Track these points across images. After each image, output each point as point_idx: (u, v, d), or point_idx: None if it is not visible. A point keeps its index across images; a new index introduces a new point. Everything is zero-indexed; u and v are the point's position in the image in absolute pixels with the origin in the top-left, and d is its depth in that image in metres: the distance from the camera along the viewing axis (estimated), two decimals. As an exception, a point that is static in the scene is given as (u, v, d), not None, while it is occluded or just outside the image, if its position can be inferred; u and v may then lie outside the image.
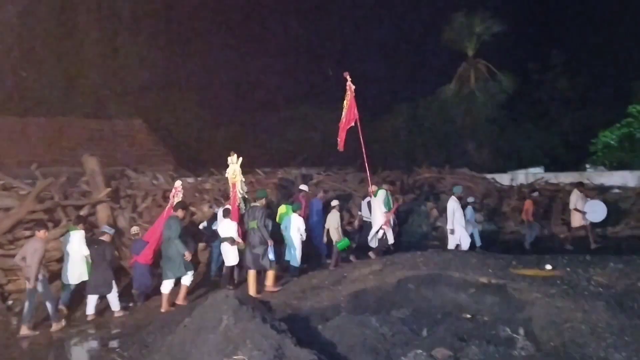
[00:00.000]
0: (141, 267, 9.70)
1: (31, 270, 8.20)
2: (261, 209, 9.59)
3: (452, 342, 6.46)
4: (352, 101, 11.36)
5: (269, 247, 9.42)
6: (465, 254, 9.34)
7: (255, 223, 9.41)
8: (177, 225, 9.08)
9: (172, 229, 9.02)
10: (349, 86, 11.34)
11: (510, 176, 20.26)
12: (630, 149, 22.57)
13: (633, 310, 6.61)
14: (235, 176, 10.49)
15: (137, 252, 9.84)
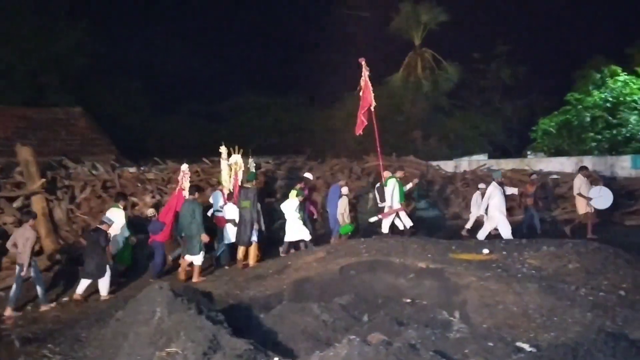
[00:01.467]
0: (159, 245, 10.41)
1: (24, 257, 8.86)
2: (253, 190, 10.40)
3: (390, 326, 6.56)
4: (367, 86, 11.40)
5: (254, 228, 10.21)
6: (407, 240, 9.46)
7: (248, 203, 10.20)
8: (198, 208, 9.91)
9: (196, 212, 9.78)
10: (364, 72, 11.39)
11: (454, 163, 20.64)
12: (567, 136, 23.35)
13: (563, 292, 6.86)
14: (237, 165, 11.46)
15: (154, 232, 10.47)
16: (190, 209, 9.83)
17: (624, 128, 21.95)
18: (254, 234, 10.30)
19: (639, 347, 5.36)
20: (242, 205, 10.33)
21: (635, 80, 22.68)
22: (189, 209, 9.83)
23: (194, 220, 9.75)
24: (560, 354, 5.04)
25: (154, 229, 10.51)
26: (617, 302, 6.63)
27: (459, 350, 5.27)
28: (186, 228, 9.87)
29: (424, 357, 4.60)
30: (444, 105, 30.03)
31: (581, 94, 23.88)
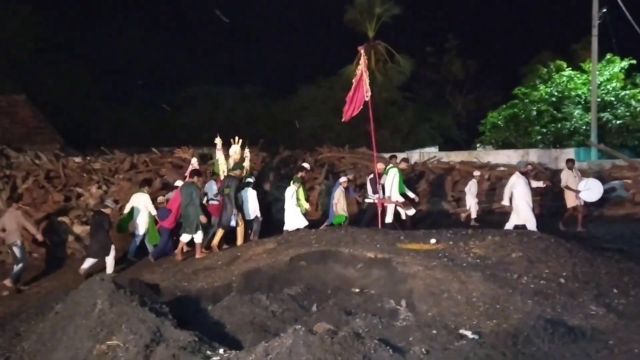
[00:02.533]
0: (165, 231, 11.14)
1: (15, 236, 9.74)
2: (235, 179, 10.95)
3: (338, 316, 6.61)
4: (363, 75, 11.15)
5: (234, 214, 10.81)
6: (357, 231, 9.52)
7: (229, 190, 10.77)
8: (196, 190, 10.47)
9: (193, 194, 10.36)
10: (363, 60, 11.19)
11: (406, 155, 20.87)
12: (515, 129, 24.02)
13: (505, 280, 7.04)
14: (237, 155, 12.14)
15: (162, 218, 11.16)
16: (189, 191, 10.41)
17: (568, 122, 22.72)
18: (233, 218, 10.90)
19: (576, 333, 5.58)
20: (225, 192, 10.89)
21: (579, 76, 23.48)
22: (188, 191, 10.43)
23: (191, 202, 10.33)
24: (501, 340, 5.20)
25: (162, 215, 11.22)
26: (557, 290, 6.84)
27: (403, 338, 5.35)
28: (184, 209, 10.45)
29: (369, 346, 4.64)
30: (397, 98, 30.32)
31: (528, 88, 24.58)
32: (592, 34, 18.76)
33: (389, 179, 11.66)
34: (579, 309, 6.29)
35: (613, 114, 22.33)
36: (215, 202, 11.52)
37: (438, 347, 5.06)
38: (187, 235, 10.52)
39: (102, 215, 10.38)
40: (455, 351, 4.89)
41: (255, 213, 11.46)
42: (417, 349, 4.95)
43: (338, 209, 11.95)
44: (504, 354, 4.84)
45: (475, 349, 4.92)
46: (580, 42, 25.15)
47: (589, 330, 5.72)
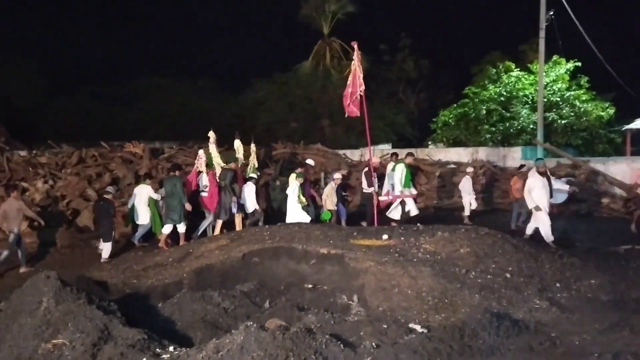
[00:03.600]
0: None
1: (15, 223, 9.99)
2: (230, 171, 11.76)
3: (291, 312, 6.63)
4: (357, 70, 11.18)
5: (233, 203, 11.59)
6: (310, 227, 9.56)
7: (223, 182, 11.51)
8: (179, 183, 11.09)
9: (177, 186, 11.02)
10: (357, 55, 11.18)
11: (360, 152, 21.10)
12: (465, 128, 24.58)
13: (454, 275, 7.21)
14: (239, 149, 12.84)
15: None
16: (172, 183, 11.08)
17: (516, 121, 23.39)
18: (233, 207, 11.66)
19: (520, 326, 5.77)
20: (222, 185, 11.60)
21: (527, 76, 24.19)
22: (171, 183, 11.09)
23: (175, 193, 10.97)
24: (449, 333, 5.32)
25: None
26: (503, 284, 7.06)
27: (354, 332, 5.41)
28: (168, 200, 11.07)
29: (320, 341, 4.68)
30: (351, 95, 30.51)
31: (478, 88, 25.16)
32: (539, 36, 19.31)
33: (397, 175, 11.78)
34: (524, 303, 6.52)
35: (558, 114, 23.11)
36: (205, 194, 11.77)
37: (388, 341, 5.15)
38: (169, 226, 11.08)
39: (107, 202, 10.94)
40: (404, 345, 4.98)
41: (254, 206, 12.09)
42: (368, 343, 5.02)
43: (327, 204, 12.14)
44: (451, 347, 4.97)
45: (424, 342, 5.03)
46: (528, 43, 25.88)
47: (532, 323, 5.93)
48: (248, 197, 12.11)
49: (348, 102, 11.42)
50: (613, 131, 24.51)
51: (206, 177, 11.87)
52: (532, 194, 10.39)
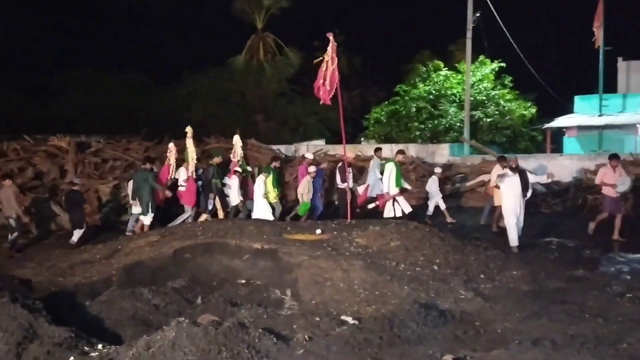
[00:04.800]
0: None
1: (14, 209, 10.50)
2: (214, 167, 12.14)
3: (224, 307, 6.61)
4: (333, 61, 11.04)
5: (210, 199, 12.03)
6: (244, 222, 9.54)
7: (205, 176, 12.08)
8: (150, 175, 11.37)
9: (147, 178, 11.27)
10: (332, 46, 10.94)
11: (294, 147, 21.16)
12: (396, 125, 25.16)
13: (385, 268, 7.41)
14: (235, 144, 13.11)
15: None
16: (143, 176, 11.36)
17: (444, 119, 24.15)
18: (210, 203, 12.05)
19: (447, 316, 6.00)
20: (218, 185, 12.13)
21: (454, 75, 25.01)
22: (142, 176, 11.37)
23: (144, 186, 11.20)
24: (379, 324, 5.48)
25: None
26: (431, 276, 7.32)
27: (287, 326, 5.47)
28: (138, 192, 11.32)
29: (253, 335, 4.71)
30: (285, 90, 30.51)
31: (409, 86, 25.78)
32: (466, 37, 20.01)
33: (386, 173, 11.64)
34: (450, 294, 6.78)
35: (484, 112, 24.05)
36: (183, 189, 12.00)
37: (320, 333, 5.24)
38: (150, 215, 11.36)
39: (76, 193, 11.35)
40: (336, 337, 5.09)
41: (238, 199, 12.28)
42: (301, 336, 5.09)
43: (305, 198, 12.17)
44: (381, 338, 5.12)
45: (355, 333, 5.15)
46: (456, 44, 26.75)
47: (458, 313, 6.18)
48: (233, 190, 12.30)
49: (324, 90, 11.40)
50: (534, 129, 25.78)
51: (185, 172, 12.07)
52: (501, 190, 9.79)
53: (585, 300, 6.54)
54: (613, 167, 10.59)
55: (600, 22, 21.23)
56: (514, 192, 9.52)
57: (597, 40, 21.21)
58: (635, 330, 5.42)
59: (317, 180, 12.89)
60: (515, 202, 9.52)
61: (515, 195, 9.52)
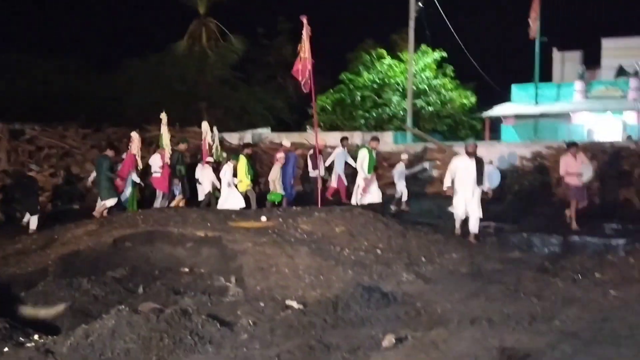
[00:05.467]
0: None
1: None
2: (177, 153, 12.37)
3: (166, 296, 6.52)
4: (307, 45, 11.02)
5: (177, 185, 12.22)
6: (187, 210, 9.41)
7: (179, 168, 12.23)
8: (107, 162, 11.50)
9: (103, 165, 11.41)
10: (305, 30, 10.89)
11: (239, 135, 20.99)
12: (341, 113, 25.33)
13: (329, 253, 7.48)
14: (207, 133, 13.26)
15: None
16: (101, 163, 11.52)
17: (388, 107, 24.47)
18: (176, 189, 12.26)
19: (389, 298, 6.12)
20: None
21: (398, 64, 25.33)
22: (99, 162, 11.59)
23: (102, 171, 11.35)
24: (323, 308, 5.53)
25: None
26: (374, 260, 7.45)
27: (232, 312, 5.45)
28: (98, 178, 11.50)
29: (196, 322, 4.67)
30: (229, 77, 30.12)
31: (353, 74, 25.93)
32: (409, 26, 20.28)
33: (359, 159, 11.50)
34: (393, 277, 6.92)
35: (426, 101, 24.53)
36: (157, 175, 12.15)
37: (265, 318, 5.25)
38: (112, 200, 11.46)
39: (31, 179, 11.62)
40: (280, 321, 5.11)
41: (209, 188, 12.19)
42: (245, 321, 5.09)
43: (276, 186, 12.10)
44: (325, 320, 5.17)
45: (299, 317, 5.19)
46: (399, 33, 27.07)
47: (400, 295, 6.31)
48: (206, 179, 12.29)
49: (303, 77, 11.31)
50: (474, 118, 26.49)
51: (159, 158, 12.20)
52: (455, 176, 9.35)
53: (520, 281, 6.80)
54: (573, 155, 10.41)
55: (536, 13, 21.96)
56: (467, 179, 9.16)
57: (532, 31, 21.93)
58: (567, 307, 5.69)
59: (290, 166, 12.86)
60: (467, 189, 9.20)
61: (469, 182, 9.16)
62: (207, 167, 12.43)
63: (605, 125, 21.69)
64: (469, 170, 9.16)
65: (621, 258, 7.77)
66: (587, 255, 8.14)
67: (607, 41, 24.01)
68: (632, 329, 5.02)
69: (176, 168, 12.23)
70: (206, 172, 12.37)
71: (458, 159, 9.52)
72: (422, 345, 4.64)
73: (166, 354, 4.32)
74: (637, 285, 6.51)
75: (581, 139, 17.97)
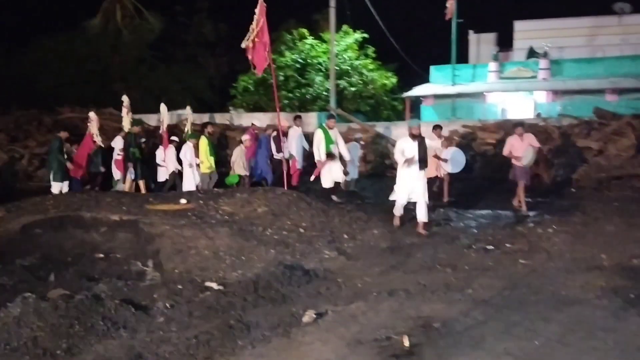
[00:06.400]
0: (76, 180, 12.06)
1: None
2: (131, 135, 12.20)
3: (80, 283, 6.24)
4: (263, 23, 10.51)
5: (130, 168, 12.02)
6: (101, 194, 9.04)
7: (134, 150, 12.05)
8: (57, 143, 11.51)
9: (53, 146, 11.48)
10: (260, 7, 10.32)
11: (158, 117, 20.38)
12: (264, 93, 25.03)
13: (251, 233, 7.43)
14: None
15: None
16: (53, 145, 11.55)
17: (311, 88, 24.44)
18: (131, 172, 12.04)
19: (311, 275, 6.16)
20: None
21: (320, 44, 25.30)
22: (51, 145, 11.70)
23: (53, 153, 11.39)
24: (244, 287, 5.48)
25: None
26: (297, 239, 7.48)
27: (148, 296, 5.29)
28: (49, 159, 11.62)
29: (109, 307, 4.51)
30: (147, 56, 29.07)
31: (275, 54, 25.65)
32: (330, 6, 20.24)
33: (315, 139, 10.73)
34: (315, 254, 6.97)
35: (348, 82, 24.67)
36: (118, 157, 12.28)
37: (183, 300, 5.13)
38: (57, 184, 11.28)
39: None
40: (199, 302, 5.01)
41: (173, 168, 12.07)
42: (161, 304, 4.96)
43: (236, 168, 11.93)
44: (245, 300, 5.13)
45: (219, 298, 5.12)
46: (320, 13, 26.98)
47: (322, 271, 6.37)
48: (168, 161, 12.20)
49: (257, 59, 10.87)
50: (395, 98, 26.96)
51: (121, 140, 12.36)
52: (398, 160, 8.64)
53: (436, 253, 7.04)
54: (519, 136, 10.04)
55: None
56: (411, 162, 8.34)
57: (449, 13, 22.46)
58: (480, 277, 5.95)
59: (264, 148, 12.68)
60: (411, 174, 8.39)
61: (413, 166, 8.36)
62: (170, 148, 12.29)
63: (517, 104, 22.66)
64: (412, 153, 8.36)
65: (530, 229, 8.19)
66: (499, 227, 8.52)
67: (519, 24, 24.98)
68: (538, 294, 5.32)
69: (130, 151, 12.08)
70: (169, 153, 12.24)
71: (402, 141, 8.67)
72: (342, 318, 4.71)
73: (77, 340, 4.13)
74: (543, 253, 6.90)
75: (495, 118, 18.76)
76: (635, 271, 6.03)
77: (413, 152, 8.33)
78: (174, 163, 12.13)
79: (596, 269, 6.12)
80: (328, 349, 4.10)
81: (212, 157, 11.93)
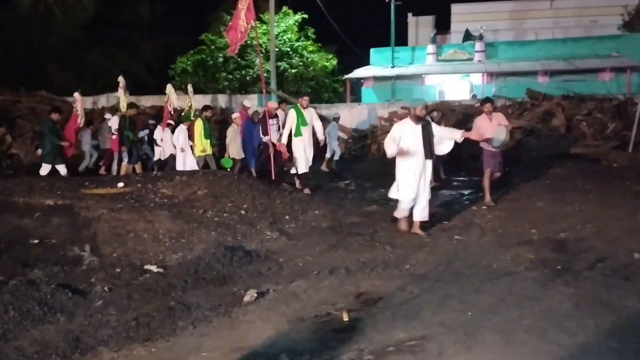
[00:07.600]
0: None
1: None
2: (125, 118, 12.00)
3: (13, 269, 6.04)
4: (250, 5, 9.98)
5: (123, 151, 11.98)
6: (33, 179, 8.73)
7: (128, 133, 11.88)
8: (49, 124, 11.22)
9: (45, 128, 11.20)
10: None
11: (93, 99, 19.79)
12: (203, 75, 24.64)
13: (191, 216, 7.36)
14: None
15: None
16: (44, 126, 11.40)
17: (251, 69, 24.23)
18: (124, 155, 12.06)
19: (252, 255, 6.21)
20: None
21: (259, 25, 25.03)
22: (43, 126, 11.50)
23: (45, 134, 11.10)
24: (184, 269, 5.47)
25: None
26: (238, 221, 7.46)
27: (85, 280, 5.20)
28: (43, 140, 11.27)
29: (45, 291, 4.41)
30: (81, 38, 27.97)
31: (214, 35, 25.26)
32: (270, -13, 20.05)
33: (288, 119, 10.05)
34: (257, 235, 7.00)
35: (289, 64, 24.59)
36: (114, 137, 12.29)
37: (121, 284, 5.08)
38: (47, 166, 10.95)
39: None
40: (138, 285, 4.97)
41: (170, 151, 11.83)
42: (99, 288, 4.89)
43: (230, 151, 11.67)
44: (186, 281, 5.12)
45: (158, 280, 5.09)
46: (260, -6, 26.68)
47: (263, 252, 6.42)
48: (165, 143, 12.09)
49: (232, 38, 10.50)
50: (336, 81, 27.09)
51: (117, 121, 12.28)
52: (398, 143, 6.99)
53: (376, 232, 7.20)
54: (488, 115, 8.60)
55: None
56: (416, 151, 6.88)
57: (387, -4, 22.71)
58: (417, 254, 6.15)
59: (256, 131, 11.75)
60: (417, 165, 6.91)
61: (417, 156, 6.90)
62: (167, 130, 12.12)
63: (454, 86, 23.23)
64: (416, 139, 6.91)
65: (465, 206, 8.50)
66: (436, 205, 8.78)
67: (456, 7, 25.57)
68: (471, 268, 5.56)
69: (124, 134, 11.92)
70: (166, 135, 12.07)
71: (402, 124, 7.10)
72: (283, 297, 4.78)
73: (12, 326, 4.03)
74: (477, 229, 7.18)
75: (433, 100, 19.17)
76: (562, 244, 6.38)
77: (414, 140, 6.87)
78: (170, 145, 11.91)
79: (526, 243, 6.43)
80: (269, 326, 4.17)
81: (208, 140, 11.66)
